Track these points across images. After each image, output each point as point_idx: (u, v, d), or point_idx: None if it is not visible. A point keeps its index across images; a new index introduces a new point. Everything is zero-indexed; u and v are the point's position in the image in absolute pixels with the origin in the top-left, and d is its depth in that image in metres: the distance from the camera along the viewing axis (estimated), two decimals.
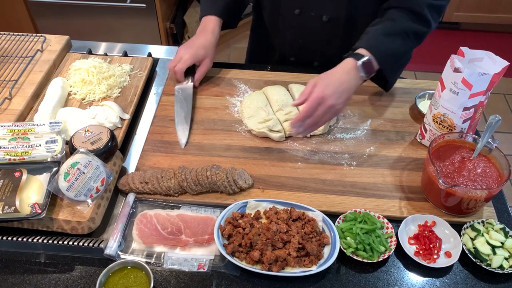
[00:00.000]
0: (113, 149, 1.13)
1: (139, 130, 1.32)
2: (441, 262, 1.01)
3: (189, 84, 1.40)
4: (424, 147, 1.26)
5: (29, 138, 1.12)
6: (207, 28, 1.40)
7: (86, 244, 1.00)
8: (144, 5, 2.68)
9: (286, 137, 1.28)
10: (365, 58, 1.18)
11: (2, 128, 1.16)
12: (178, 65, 1.37)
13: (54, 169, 1.05)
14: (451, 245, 1.04)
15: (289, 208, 1.07)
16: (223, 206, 1.09)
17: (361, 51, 1.21)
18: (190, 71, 1.42)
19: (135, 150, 1.26)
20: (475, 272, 1.01)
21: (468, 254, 1.01)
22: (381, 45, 1.22)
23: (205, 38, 1.39)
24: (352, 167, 1.21)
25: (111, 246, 1.00)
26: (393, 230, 1.05)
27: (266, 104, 1.32)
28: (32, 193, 1.01)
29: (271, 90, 1.36)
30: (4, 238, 1.02)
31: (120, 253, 1.01)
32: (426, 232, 1.05)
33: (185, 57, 1.37)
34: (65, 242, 1.01)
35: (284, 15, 1.46)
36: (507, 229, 1.04)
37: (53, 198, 1.03)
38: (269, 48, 1.38)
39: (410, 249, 1.03)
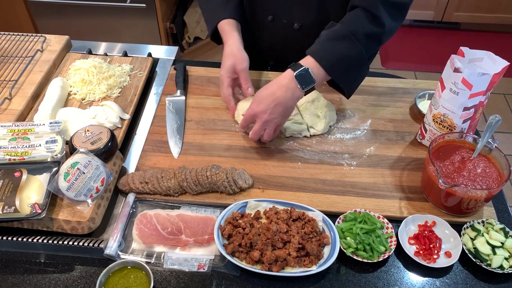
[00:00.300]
0: (113, 149, 1.13)
1: (139, 130, 1.32)
2: (441, 262, 1.01)
3: (180, 97, 1.39)
4: (424, 147, 1.26)
5: (29, 138, 1.12)
6: (225, 35, 1.33)
7: (86, 244, 1.00)
8: (144, 5, 2.68)
9: (280, 135, 1.29)
10: (300, 69, 1.14)
11: (2, 128, 1.16)
12: (223, 92, 1.30)
13: (54, 169, 1.05)
14: (451, 245, 1.04)
15: (289, 208, 1.07)
16: (223, 206, 1.09)
17: (305, 59, 1.17)
18: (181, 83, 1.42)
19: (135, 150, 1.26)
20: (475, 272, 1.01)
21: (468, 254, 1.01)
22: (326, 50, 1.17)
23: (228, 47, 1.31)
24: (352, 167, 1.21)
25: (111, 246, 1.00)
26: (393, 230, 1.05)
27: None
28: (32, 193, 1.01)
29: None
30: (4, 238, 1.02)
31: (120, 253, 1.01)
32: (426, 232, 1.05)
33: (223, 79, 1.29)
34: (65, 242, 1.01)
35: (259, 21, 1.45)
36: (507, 229, 1.04)
37: (53, 198, 1.03)
38: (251, 51, 1.38)
39: (410, 249, 1.03)
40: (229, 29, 1.32)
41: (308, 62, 1.17)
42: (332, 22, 1.23)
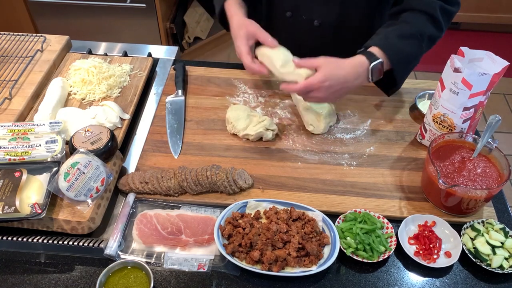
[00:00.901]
0: (113, 149, 1.13)
1: (139, 130, 1.32)
2: (441, 262, 1.01)
3: (180, 97, 1.39)
4: (424, 147, 1.26)
5: (29, 138, 1.12)
6: (230, 13, 1.30)
7: (86, 244, 1.00)
8: (144, 5, 2.68)
9: (280, 135, 1.29)
10: (377, 61, 1.15)
11: (2, 128, 1.16)
12: (245, 61, 1.22)
13: (54, 169, 1.05)
14: (451, 245, 1.04)
15: (289, 208, 1.07)
16: (223, 206, 1.09)
17: (374, 49, 1.17)
18: (180, 84, 1.42)
19: (135, 150, 1.26)
20: (475, 272, 1.01)
21: (468, 254, 1.01)
22: (396, 46, 1.18)
23: (235, 20, 1.27)
24: (352, 167, 1.21)
25: (111, 246, 1.00)
26: (393, 230, 1.05)
27: (250, 110, 1.32)
28: (32, 193, 1.01)
29: (270, 51, 1.24)
30: (4, 238, 1.02)
31: (120, 253, 1.01)
32: (426, 232, 1.05)
33: (241, 48, 1.23)
34: (65, 242, 1.01)
35: (277, 17, 1.44)
36: (507, 229, 1.04)
37: (53, 198, 1.03)
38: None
39: (410, 249, 1.03)
40: (234, 8, 1.31)
41: (379, 55, 1.16)
42: (391, 21, 1.25)
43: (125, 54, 1.55)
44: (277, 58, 1.19)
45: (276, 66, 1.18)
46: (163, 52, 1.59)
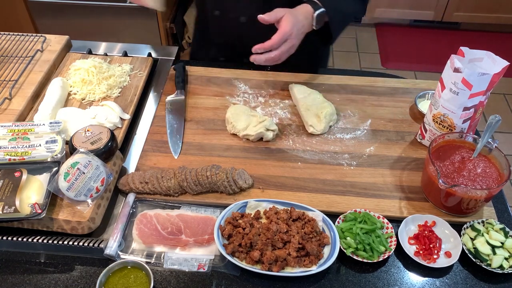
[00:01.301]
0: (113, 149, 1.13)
1: (139, 130, 1.32)
2: (441, 262, 1.01)
3: (180, 96, 1.39)
4: (424, 147, 1.26)
5: (29, 138, 1.12)
6: None
7: (86, 244, 1.00)
8: None
9: (280, 135, 1.29)
10: (321, 10, 1.25)
11: (2, 128, 1.16)
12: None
13: (54, 169, 1.05)
14: (451, 245, 1.04)
15: (289, 208, 1.07)
16: (223, 206, 1.09)
17: (315, 3, 1.26)
18: (180, 84, 1.41)
19: (135, 150, 1.26)
20: (475, 272, 1.01)
21: (468, 254, 1.01)
22: (336, 3, 1.28)
23: None
24: (352, 167, 1.21)
25: (111, 246, 1.00)
26: (393, 230, 1.05)
27: (250, 110, 1.32)
28: (32, 193, 1.01)
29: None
30: (4, 238, 1.02)
31: (120, 253, 1.01)
32: (426, 232, 1.05)
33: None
34: (65, 242, 1.01)
35: (207, 16, 1.50)
36: (507, 229, 1.04)
37: (53, 198, 1.03)
38: (207, 44, 1.44)
39: (410, 249, 1.03)
40: None
41: (319, 4, 1.26)
42: None
43: (125, 54, 1.55)
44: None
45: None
46: (163, 52, 1.59)
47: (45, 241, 1.01)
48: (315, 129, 1.28)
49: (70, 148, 1.09)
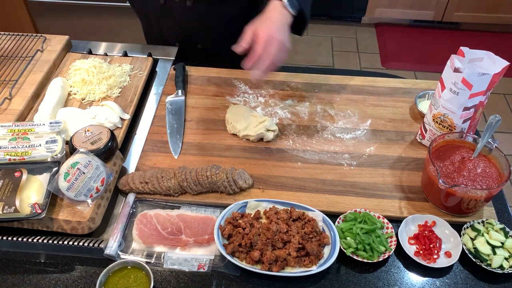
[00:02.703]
0: (113, 149, 1.13)
1: (139, 130, 1.32)
2: (441, 262, 1.01)
3: (180, 97, 1.39)
4: (424, 147, 1.26)
5: (29, 138, 1.12)
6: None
7: (86, 244, 1.00)
8: None
9: (280, 135, 1.28)
10: None
11: (2, 128, 1.16)
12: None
13: (54, 169, 1.05)
14: (451, 245, 1.04)
15: (289, 208, 1.07)
16: (223, 206, 1.09)
17: None
18: (180, 84, 1.42)
19: (135, 150, 1.26)
20: (475, 272, 1.01)
21: (468, 254, 1.01)
22: None
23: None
24: (352, 167, 1.21)
25: (111, 246, 1.00)
26: (393, 230, 1.05)
27: (250, 110, 1.32)
28: (32, 193, 1.01)
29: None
30: (4, 238, 1.02)
31: (120, 253, 1.01)
32: (426, 232, 1.05)
33: None
34: (65, 242, 1.01)
35: (152, 5, 1.49)
36: (507, 229, 1.04)
37: (53, 198, 1.03)
38: (155, 31, 1.43)
39: (410, 249, 1.03)
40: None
41: None
42: None
43: (125, 54, 1.55)
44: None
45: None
46: (163, 52, 1.59)
47: (45, 241, 1.01)
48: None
49: (70, 148, 1.09)
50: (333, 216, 1.07)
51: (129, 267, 0.96)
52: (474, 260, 1.00)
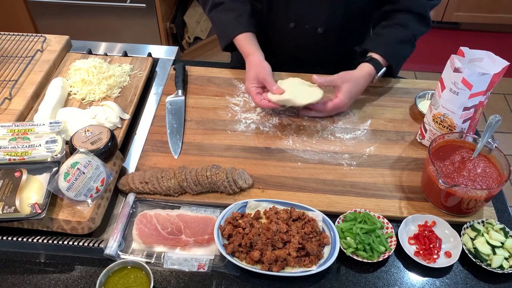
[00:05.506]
0: (113, 149, 1.13)
1: (139, 130, 1.32)
2: (441, 262, 1.01)
3: (180, 97, 1.39)
4: (424, 147, 1.26)
5: (29, 138, 1.12)
6: (244, 49, 1.36)
7: (86, 244, 1.00)
8: (144, 5, 2.68)
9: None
10: (383, 70, 1.31)
11: (2, 128, 1.16)
12: (256, 101, 1.30)
13: (54, 169, 1.05)
14: (451, 245, 1.04)
15: (289, 208, 1.07)
16: (223, 206, 1.09)
17: (378, 57, 1.31)
18: (180, 84, 1.41)
19: (135, 150, 1.26)
20: (475, 272, 1.01)
21: (468, 254, 1.01)
22: (396, 51, 1.33)
23: (250, 60, 1.34)
24: (352, 167, 1.21)
25: (111, 246, 1.00)
26: (393, 230, 1.05)
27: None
28: (32, 193, 1.01)
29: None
30: (4, 238, 1.02)
31: (120, 253, 1.01)
32: (426, 232, 1.05)
33: (250, 89, 1.31)
34: (65, 242, 1.01)
35: (280, 29, 1.46)
36: (507, 229, 1.04)
37: (53, 198, 1.03)
38: (270, 56, 1.38)
39: (410, 249, 1.03)
40: (247, 43, 1.36)
41: (383, 63, 1.32)
42: (387, 22, 1.35)
43: (125, 54, 1.55)
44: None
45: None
46: (163, 52, 1.59)
47: (45, 241, 1.01)
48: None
49: (70, 148, 1.09)
50: (333, 216, 1.07)
51: (129, 267, 0.96)
52: (474, 260, 1.00)
